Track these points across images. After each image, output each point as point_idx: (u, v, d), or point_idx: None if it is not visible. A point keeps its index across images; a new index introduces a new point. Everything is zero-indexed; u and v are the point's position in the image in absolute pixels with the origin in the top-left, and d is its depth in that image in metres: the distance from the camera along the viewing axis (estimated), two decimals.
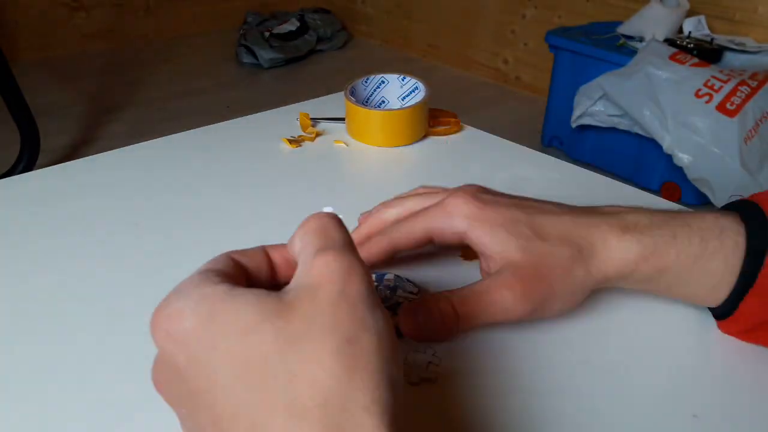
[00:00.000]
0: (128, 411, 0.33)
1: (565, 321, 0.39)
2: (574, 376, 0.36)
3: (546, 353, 0.37)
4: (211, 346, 0.23)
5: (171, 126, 2.28)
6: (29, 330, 0.38)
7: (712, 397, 0.35)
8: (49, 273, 0.43)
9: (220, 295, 0.24)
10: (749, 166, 1.61)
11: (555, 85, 2.07)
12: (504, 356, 0.37)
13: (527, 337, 0.38)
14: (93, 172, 0.56)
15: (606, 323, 0.40)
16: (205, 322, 0.24)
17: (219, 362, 0.23)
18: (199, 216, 0.51)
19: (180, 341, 0.24)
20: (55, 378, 0.35)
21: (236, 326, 0.23)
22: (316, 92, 0.76)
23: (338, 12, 3.26)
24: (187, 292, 0.25)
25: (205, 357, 0.23)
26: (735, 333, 0.38)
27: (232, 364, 0.23)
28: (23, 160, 1.79)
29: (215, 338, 0.23)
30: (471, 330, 0.37)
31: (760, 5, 1.98)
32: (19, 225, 0.49)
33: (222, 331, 0.23)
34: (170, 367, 0.25)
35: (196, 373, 0.24)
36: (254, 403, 0.22)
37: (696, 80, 1.67)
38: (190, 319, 0.24)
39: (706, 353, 0.38)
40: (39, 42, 2.75)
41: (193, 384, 0.24)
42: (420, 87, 0.65)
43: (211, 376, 0.23)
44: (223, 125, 0.66)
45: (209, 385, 0.23)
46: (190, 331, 0.24)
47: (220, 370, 0.23)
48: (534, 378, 0.35)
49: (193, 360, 0.24)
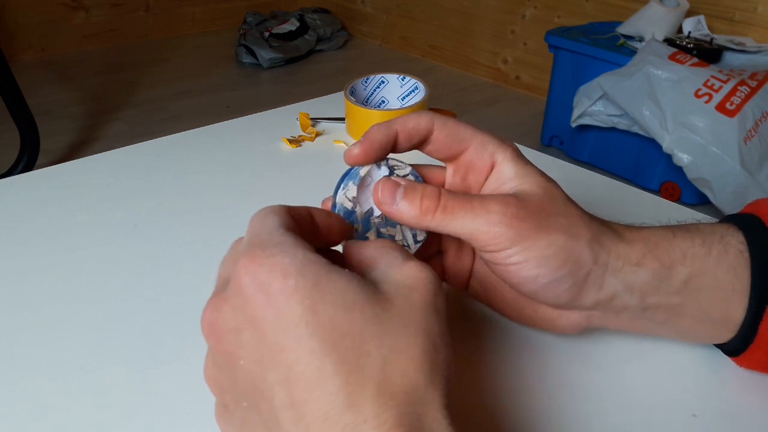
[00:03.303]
0: (128, 411, 0.33)
1: None
2: (573, 375, 0.36)
3: (545, 353, 0.37)
4: (312, 311, 0.23)
5: (171, 126, 2.28)
6: (28, 330, 0.38)
7: (711, 397, 0.35)
8: (48, 273, 0.43)
9: (323, 265, 0.24)
10: (749, 166, 1.61)
11: (555, 85, 2.07)
12: (504, 356, 0.37)
13: (527, 337, 0.38)
14: (92, 172, 0.56)
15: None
16: (310, 285, 0.23)
17: (318, 326, 0.23)
18: (198, 216, 0.51)
19: (275, 297, 0.23)
20: (54, 378, 0.35)
21: (341, 299, 0.23)
22: (316, 92, 0.76)
23: (338, 12, 3.26)
24: (288, 250, 0.24)
25: (301, 320, 0.23)
26: (759, 363, 0.35)
27: (332, 332, 0.23)
28: (23, 161, 1.79)
29: (318, 304, 0.23)
30: (445, 231, 0.32)
31: (760, 5, 1.98)
32: (18, 225, 0.49)
33: (326, 299, 0.23)
34: (245, 318, 0.24)
35: (283, 328, 0.23)
36: (344, 372, 0.22)
37: (696, 80, 1.67)
38: (294, 278, 0.23)
39: (706, 353, 0.38)
40: (38, 42, 2.75)
41: (274, 337, 0.23)
42: (420, 87, 0.65)
43: (299, 340, 0.23)
44: (222, 125, 0.66)
45: (297, 344, 0.23)
46: (291, 289, 0.23)
47: (317, 334, 0.23)
48: (534, 378, 0.35)
49: (282, 317, 0.23)
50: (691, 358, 0.37)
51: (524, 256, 0.31)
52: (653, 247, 0.33)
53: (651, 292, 0.32)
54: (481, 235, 0.31)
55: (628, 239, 0.33)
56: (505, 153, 0.33)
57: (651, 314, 0.33)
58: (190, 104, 2.42)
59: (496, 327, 0.39)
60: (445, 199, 0.31)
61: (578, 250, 0.31)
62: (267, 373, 0.23)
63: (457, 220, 0.31)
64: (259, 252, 0.24)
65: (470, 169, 0.34)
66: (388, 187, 0.32)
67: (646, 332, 0.36)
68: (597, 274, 0.32)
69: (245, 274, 0.24)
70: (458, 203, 0.31)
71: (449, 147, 0.34)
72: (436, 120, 0.33)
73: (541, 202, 0.32)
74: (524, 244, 0.31)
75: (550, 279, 0.31)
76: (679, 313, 0.33)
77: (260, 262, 0.24)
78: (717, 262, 0.33)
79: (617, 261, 0.32)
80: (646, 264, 0.32)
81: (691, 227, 0.34)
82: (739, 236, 0.33)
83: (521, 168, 0.33)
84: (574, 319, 0.34)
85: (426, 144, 0.34)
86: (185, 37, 3.12)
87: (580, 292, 0.32)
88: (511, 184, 0.33)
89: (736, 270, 0.33)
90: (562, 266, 0.31)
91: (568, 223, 0.32)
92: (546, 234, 0.31)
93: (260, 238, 0.25)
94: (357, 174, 0.33)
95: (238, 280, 0.24)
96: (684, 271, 0.32)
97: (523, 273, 0.31)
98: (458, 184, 0.35)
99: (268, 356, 0.23)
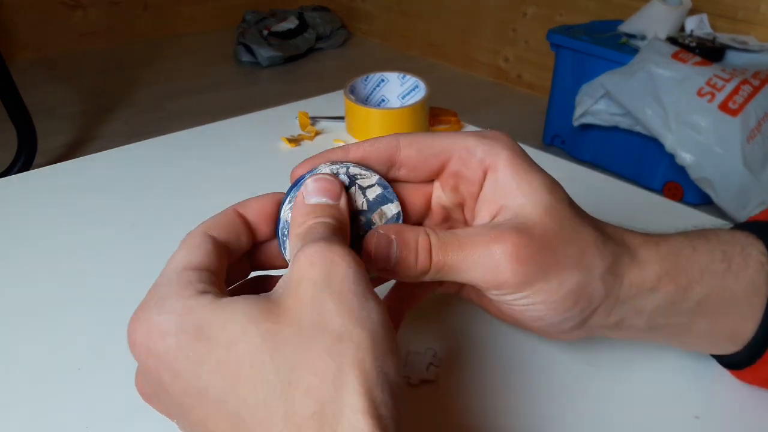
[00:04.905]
0: (126, 412, 0.33)
1: None
2: (575, 376, 0.36)
3: (547, 354, 0.37)
4: (199, 362, 0.22)
5: (169, 125, 2.27)
6: (26, 329, 0.38)
7: (714, 399, 0.35)
8: (45, 272, 0.43)
9: (205, 306, 0.23)
10: (752, 166, 1.61)
11: (556, 83, 2.06)
12: (504, 357, 0.37)
13: (528, 337, 0.38)
14: (90, 171, 0.56)
15: None
16: (191, 338, 0.22)
17: (208, 378, 0.22)
18: (197, 215, 0.49)
19: (163, 359, 0.23)
20: (53, 378, 0.35)
21: (224, 337, 0.22)
22: (316, 91, 0.76)
23: (338, 10, 3.25)
24: (168, 303, 0.23)
25: (193, 373, 0.22)
26: (762, 381, 0.34)
27: (222, 378, 0.22)
28: (20, 160, 1.79)
29: (202, 353, 0.22)
30: (444, 284, 0.30)
31: (762, 4, 1.97)
32: (15, 225, 0.48)
33: (209, 345, 0.22)
34: (154, 382, 0.24)
35: (183, 389, 0.23)
36: (248, 416, 0.21)
37: (698, 79, 1.66)
38: (174, 336, 0.23)
39: (709, 355, 0.37)
40: (36, 41, 2.75)
41: (180, 400, 0.23)
42: (420, 85, 0.65)
43: (201, 392, 0.22)
44: (221, 124, 0.65)
45: (199, 402, 0.22)
46: (173, 347, 0.22)
47: (210, 386, 0.22)
48: (535, 379, 0.35)
49: (179, 377, 0.23)
50: (694, 360, 0.37)
51: (532, 300, 0.28)
52: (670, 268, 0.30)
53: (661, 315, 0.30)
54: (485, 284, 0.28)
55: (644, 260, 0.30)
56: (499, 158, 0.29)
57: (657, 331, 0.32)
58: (189, 103, 2.41)
59: (496, 328, 0.39)
60: (441, 254, 0.27)
61: (591, 287, 0.28)
62: (191, 430, 0.23)
63: (458, 273, 0.28)
64: (140, 315, 0.24)
65: (459, 179, 0.30)
66: (383, 245, 0.28)
67: (647, 342, 0.35)
68: (607, 305, 0.29)
69: (133, 344, 0.24)
70: (454, 256, 0.27)
71: (425, 163, 0.29)
72: (401, 138, 0.29)
73: (548, 233, 0.28)
74: (533, 288, 0.28)
75: (560, 319, 0.29)
76: (686, 331, 0.32)
77: (140, 327, 0.24)
78: (736, 277, 0.31)
79: (630, 289, 0.29)
80: (662, 288, 0.30)
81: (711, 237, 0.32)
82: (760, 246, 0.32)
83: (522, 178, 0.29)
84: (574, 335, 0.32)
85: (396, 168, 0.30)
86: (183, 35, 3.11)
87: (587, 321, 0.30)
88: (511, 201, 0.29)
89: (755, 284, 0.31)
90: (573, 306, 0.28)
91: (580, 253, 0.28)
92: (555, 273, 0.28)
93: (152, 290, 0.25)
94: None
95: (131, 346, 0.24)
96: (700, 292, 0.30)
97: (530, 314, 0.29)
98: (449, 196, 0.31)
99: (182, 415, 0.23)
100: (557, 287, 0.28)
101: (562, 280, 0.28)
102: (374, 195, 0.29)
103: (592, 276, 0.28)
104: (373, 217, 0.29)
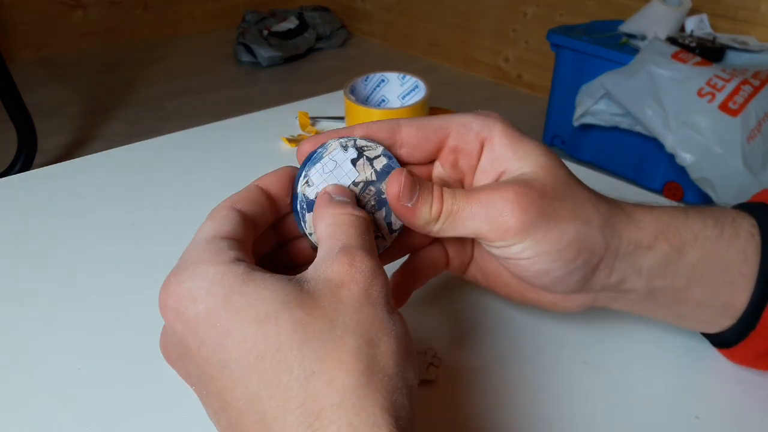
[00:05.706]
0: (126, 412, 0.33)
1: (566, 321, 0.39)
2: (575, 377, 0.36)
3: (547, 354, 0.37)
4: (225, 333, 0.22)
5: (169, 125, 2.27)
6: (26, 329, 0.38)
7: (714, 399, 0.35)
8: (45, 273, 0.43)
9: (238, 276, 0.23)
10: (752, 166, 1.61)
11: (556, 83, 2.06)
12: (504, 357, 0.37)
13: (528, 337, 0.38)
14: (90, 171, 0.56)
15: (607, 324, 0.39)
16: (220, 306, 0.23)
17: (232, 351, 0.22)
18: (196, 215, 0.50)
19: (191, 324, 0.23)
20: (53, 378, 0.35)
21: (253, 313, 0.22)
22: (316, 91, 0.76)
23: (338, 10, 3.25)
24: (200, 269, 0.24)
25: (218, 343, 0.22)
26: (752, 358, 0.34)
27: (246, 354, 0.22)
28: (20, 160, 1.78)
29: (230, 324, 0.22)
30: (449, 235, 0.30)
31: (763, 4, 1.97)
32: (15, 225, 0.48)
33: (238, 318, 0.22)
34: (180, 346, 0.24)
35: (207, 357, 0.23)
36: (266, 397, 0.22)
37: (698, 79, 1.66)
38: (204, 301, 0.23)
39: (708, 354, 0.37)
40: (36, 41, 2.74)
41: (203, 368, 0.23)
42: (420, 86, 0.65)
43: (223, 363, 0.22)
44: (221, 124, 0.65)
45: (220, 373, 0.22)
46: (203, 314, 0.23)
47: (233, 360, 0.22)
48: (535, 379, 0.35)
49: (204, 344, 0.23)
50: (694, 360, 0.37)
51: (536, 251, 0.29)
52: (665, 228, 0.31)
53: (659, 275, 0.32)
54: (489, 233, 0.29)
55: (639, 220, 0.31)
56: (494, 129, 0.31)
57: (656, 296, 0.33)
58: (189, 103, 2.41)
59: (496, 328, 0.38)
60: (449, 202, 0.29)
61: (591, 238, 0.30)
62: (208, 399, 0.24)
63: (464, 222, 0.29)
64: (172, 279, 0.24)
65: (458, 154, 0.32)
66: (408, 184, 0.29)
67: (647, 314, 0.35)
68: (608, 260, 0.31)
69: (164, 308, 0.24)
70: (461, 203, 0.29)
71: (426, 141, 0.31)
72: (401, 119, 0.32)
73: (546, 187, 0.29)
74: (535, 237, 0.29)
75: (564, 272, 0.30)
76: (684, 298, 0.33)
77: (171, 291, 0.24)
78: (728, 245, 0.32)
79: (628, 245, 0.31)
80: (657, 246, 0.31)
81: (704, 209, 0.33)
82: (750, 220, 0.33)
83: (517, 145, 0.30)
84: (579, 301, 0.33)
85: (398, 146, 0.31)
86: (183, 35, 3.11)
87: (590, 279, 0.31)
88: (509, 166, 0.31)
89: (747, 254, 0.32)
90: (576, 257, 0.30)
91: (576, 207, 0.30)
92: (556, 223, 0.29)
93: (184, 256, 0.25)
94: (320, 158, 0.30)
95: (161, 309, 0.24)
96: (694, 255, 0.32)
97: (535, 267, 0.30)
98: (449, 172, 0.32)
99: (202, 383, 0.24)
100: (559, 236, 0.29)
101: (563, 229, 0.29)
102: (381, 165, 0.31)
103: (590, 227, 0.30)
104: (382, 186, 0.31)
